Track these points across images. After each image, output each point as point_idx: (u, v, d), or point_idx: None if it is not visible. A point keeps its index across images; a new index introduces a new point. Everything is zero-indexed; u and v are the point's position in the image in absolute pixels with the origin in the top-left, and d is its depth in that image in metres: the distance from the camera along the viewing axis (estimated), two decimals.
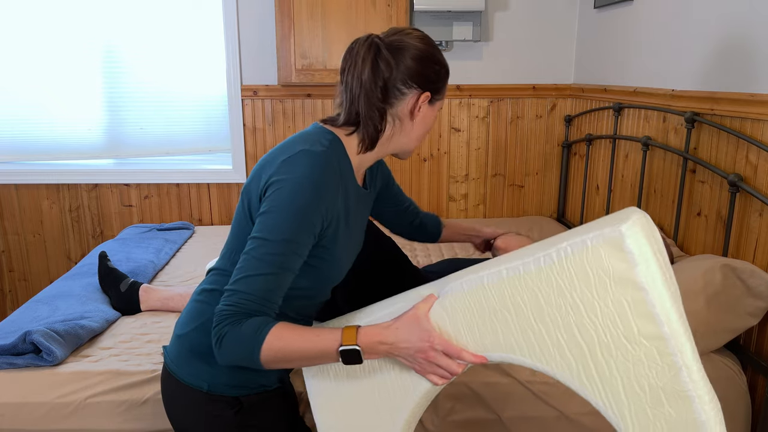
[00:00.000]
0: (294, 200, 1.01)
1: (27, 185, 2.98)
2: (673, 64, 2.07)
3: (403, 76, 1.10)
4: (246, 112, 2.95)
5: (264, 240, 1.00)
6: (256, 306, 0.99)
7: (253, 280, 0.99)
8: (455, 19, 2.77)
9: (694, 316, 1.57)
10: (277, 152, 1.10)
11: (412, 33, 1.13)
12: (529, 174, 3.10)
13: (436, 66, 1.13)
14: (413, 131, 1.16)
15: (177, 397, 1.18)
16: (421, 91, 1.12)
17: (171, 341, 1.22)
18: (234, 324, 0.98)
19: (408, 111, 1.13)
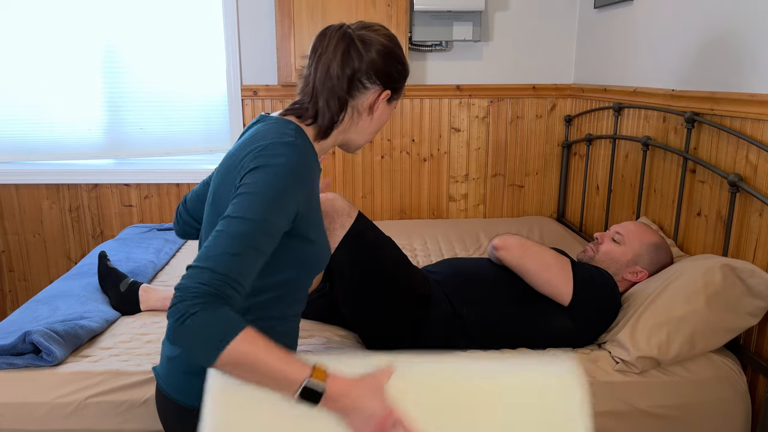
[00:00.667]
0: (272, 184, 0.99)
1: (27, 185, 2.98)
2: (673, 64, 2.07)
3: (368, 70, 1.12)
4: (246, 112, 2.95)
5: (240, 219, 0.96)
6: (229, 289, 0.91)
7: (228, 258, 0.92)
8: (455, 19, 2.77)
9: (694, 316, 1.57)
10: (243, 146, 1.07)
11: (380, 30, 1.15)
12: (529, 174, 3.10)
13: (399, 66, 1.15)
14: (368, 126, 1.19)
15: (175, 418, 1.16)
16: (382, 88, 1.15)
17: (161, 362, 1.19)
18: (207, 306, 0.88)
19: (368, 105, 1.15)
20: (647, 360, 1.56)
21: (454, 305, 1.68)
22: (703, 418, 1.58)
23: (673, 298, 1.61)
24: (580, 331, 1.68)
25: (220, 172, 1.12)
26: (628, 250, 1.82)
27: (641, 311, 1.63)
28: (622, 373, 1.58)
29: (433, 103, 2.99)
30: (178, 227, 1.37)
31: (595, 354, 1.63)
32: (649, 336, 1.57)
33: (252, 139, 1.09)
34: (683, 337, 1.56)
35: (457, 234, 2.74)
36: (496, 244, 1.74)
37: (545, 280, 1.66)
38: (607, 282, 1.72)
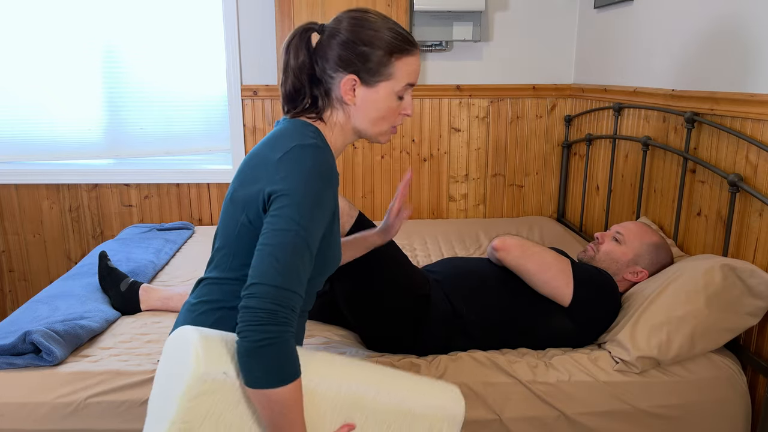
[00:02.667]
0: (307, 190, 1.01)
1: (27, 185, 2.98)
2: (673, 64, 2.07)
3: (329, 61, 1.12)
4: (246, 112, 2.95)
5: (287, 231, 0.98)
6: (295, 301, 0.97)
7: (292, 271, 0.97)
8: (455, 19, 2.77)
9: (694, 316, 1.57)
10: (265, 153, 1.09)
11: (343, 17, 1.13)
12: (529, 174, 3.10)
13: (361, 47, 1.10)
14: (360, 116, 1.15)
15: None
16: (345, 75, 1.12)
17: None
18: (283, 337, 0.94)
19: (341, 95, 1.13)
20: (647, 360, 1.56)
21: (454, 305, 1.68)
22: (703, 418, 1.58)
23: (673, 298, 1.61)
24: (580, 331, 1.68)
25: (243, 170, 1.12)
26: (629, 249, 1.82)
27: (641, 311, 1.63)
28: (622, 373, 1.58)
29: (433, 103, 2.99)
30: None
31: (595, 354, 1.63)
32: (649, 336, 1.57)
33: (274, 138, 1.11)
34: (683, 337, 1.56)
35: (457, 234, 2.74)
36: (496, 245, 1.74)
37: (545, 281, 1.66)
38: (607, 283, 1.72)
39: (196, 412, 0.97)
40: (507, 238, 1.74)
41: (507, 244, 1.72)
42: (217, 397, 0.98)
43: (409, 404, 1.14)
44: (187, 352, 0.97)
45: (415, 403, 1.15)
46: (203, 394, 0.96)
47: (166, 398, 1.00)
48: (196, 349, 0.96)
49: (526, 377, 1.56)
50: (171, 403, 0.97)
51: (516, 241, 1.72)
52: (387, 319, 1.64)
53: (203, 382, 0.96)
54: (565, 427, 1.55)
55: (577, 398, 1.55)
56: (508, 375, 1.57)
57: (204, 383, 0.96)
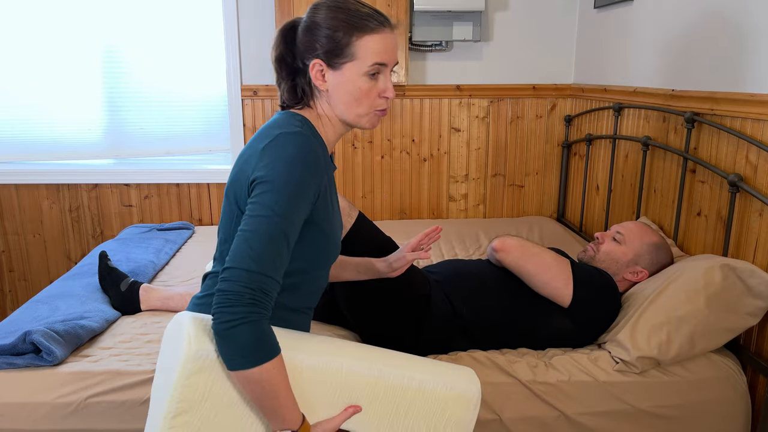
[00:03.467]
0: (289, 177, 1.02)
1: (27, 185, 2.98)
2: (673, 64, 2.07)
3: (300, 49, 1.14)
4: (246, 112, 2.95)
5: (265, 217, 0.99)
6: (268, 286, 0.98)
7: (262, 257, 0.98)
8: (455, 19, 2.77)
9: (694, 316, 1.57)
10: (253, 144, 1.11)
11: (312, 6, 1.15)
12: (529, 174, 3.10)
13: (317, 31, 1.11)
14: (336, 99, 1.15)
15: None
16: (312, 60, 1.13)
17: None
18: (254, 318, 0.95)
19: (314, 80, 1.14)
20: (647, 360, 1.56)
21: (455, 305, 1.68)
22: (703, 418, 1.58)
23: (673, 298, 1.61)
24: (580, 331, 1.68)
25: (238, 165, 1.13)
26: (629, 249, 1.82)
27: (641, 311, 1.63)
28: (622, 373, 1.58)
29: (433, 103, 2.99)
30: None
31: (595, 354, 1.63)
32: (649, 336, 1.57)
33: (262, 130, 1.13)
34: (683, 337, 1.56)
35: (457, 234, 2.74)
36: (495, 246, 1.74)
37: (545, 282, 1.66)
38: (607, 283, 1.72)
39: (194, 391, 0.98)
40: (507, 239, 1.74)
41: (507, 245, 1.72)
42: (213, 375, 0.99)
43: (418, 382, 1.12)
44: (180, 334, 1.00)
45: (426, 381, 1.12)
46: (198, 372, 0.98)
47: (165, 383, 1.01)
48: (188, 331, 0.99)
49: (526, 377, 1.56)
50: (169, 384, 0.99)
51: (516, 242, 1.72)
52: (387, 318, 1.64)
53: (196, 360, 0.97)
54: (565, 427, 1.55)
55: (577, 398, 1.55)
56: (508, 375, 1.57)
57: (197, 361, 0.97)
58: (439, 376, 1.14)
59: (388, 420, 1.12)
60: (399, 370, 1.12)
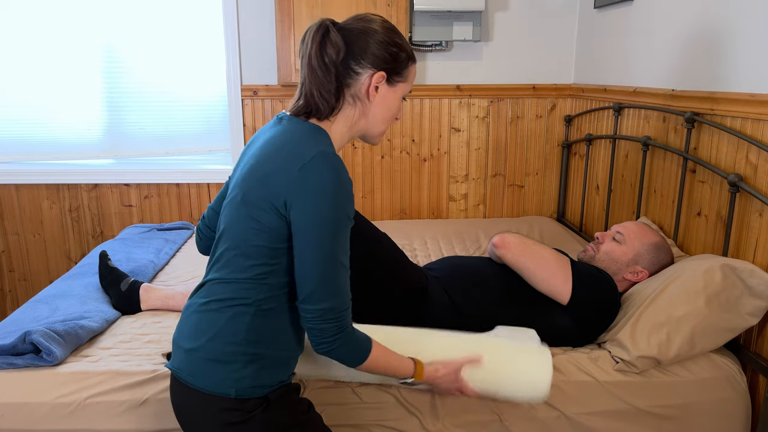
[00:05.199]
0: (338, 212, 1.09)
1: (27, 185, 2.98)
2: (673, 64, 2.07)
3: (355, 56, 1.16)
4: (246, 112, 2.95)
5: (327, 255, 1.09)
6: (347, 312, 1.14)
7: (334, 289, 1.12)
8: (455, 19, 2.77)
9: (694, 316, 1.57)
10: (281, 159, 1.11)
11: (374, 18, 1.20)
12: (529, 174, 3.11)
13: (393, 48, 1.18)
14: (374, 113, 1.22)
15: (202, 408, 1.16)
16: (374, 71, 1.17)
17: (178, 357, 1.20)
18: (342, 339, 1.14)
19: (364, 91, 1.19)
20: (647, 360, 1.56)
21: (454, 300, 1.69)
22: (703, 418, 1.58)
23: (673, 297, 1.61)
24: (579, 329, 1.68)
25: (254, 174, 1.14)
26: (629, 249, 1.82)
27: (641, 311, 1.64)
28: (622, 373, 1.58)
29: (433, 103, 2.99)
30: (201, 245, 1.41)
31: (595, 354, 1.63)
32: (649, 336, 1.57)
33: (289, 144, 1.13)
34: (683, 337, 1.56)
35: (457, 234, 2.74)
36: (496, 242, 1.74)
37: (544, 278, 1.66)
38: (607, 282, 1.72)
39: None
40: (507, 236, 1.74)
41: (507, 241, 1.72)
42: None
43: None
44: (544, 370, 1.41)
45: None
46: None
47: None
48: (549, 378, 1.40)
49: None
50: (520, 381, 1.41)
51: (516, 238, 1.73)
52: (385, 314, 1.64)
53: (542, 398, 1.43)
54: (565, 427, 1.55)
55: (577, 398, 1.55)
56: None
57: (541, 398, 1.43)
58: None
59: None
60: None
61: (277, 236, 1.13)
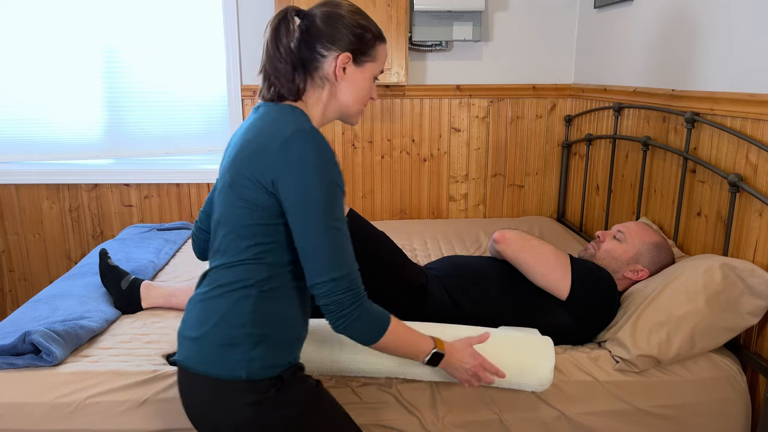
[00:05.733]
0: (322, 182, 1.10)
1: (27, 185, 2.98)
2: (673, 64, 2.07)
3: (320, 40, 1.19)
4: (246, 112, 2.95)
5: (324, 229, 1.10)
6: (358, 279, 1.14)
7: (339, 259, 1.11)
8: (455, 19, 2.77)
9: (694, 315, 1.57)
10: (263, 140, 1.13)
11: (340, 3, 1.23)
12: (529, 174, 3.10)
13: (357, 29, 1.21)
14: (346, 94, 1.24)
15: (214, 394, 1.16)
16: (339, 52, 1.20)
17: (185, 348, 1.20)
18: (360, 309, 1.13)
19: (332, 72, 1.21)
20: (647, 359, 1.56)
21: (453, 298, 1.69)
22: (703, 418, 1.58)
23: (673, 297, 1.61)
24: (579, 326, 1.68)
25: (238, 158, 1.16)
26: (630, 248, 1.83)
27: (641, 310, 1.64)
28: (622, 372, 1.58)
29: (433, 103, 2.99)
30: (197, 249, 1.42)
31: (596, 353, 1.63)
32: (650, 335, 1.57)
33: (267, 125, 1.15)
34: (683, 336, 1.56)
35: (457, 234, 2.74)
36: (496, 237, 1.76)
37: (542, 273, 1.67)
38: (606, 279, 1.72)
39: None
40: (507, 231, 1.76)
41: (507, 237, 1.74)
42: None
43: None
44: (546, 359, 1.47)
45: None
46: None
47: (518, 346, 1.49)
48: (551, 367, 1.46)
49: None
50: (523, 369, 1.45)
51: (516, 234, 1.74)
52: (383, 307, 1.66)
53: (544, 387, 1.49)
54: (565, 427, 1.55)
55: (577, 398, 1.55)
56: None
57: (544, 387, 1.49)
58: None
59: None
60: None
61: (268, 213, 1.14)
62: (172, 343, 1.71)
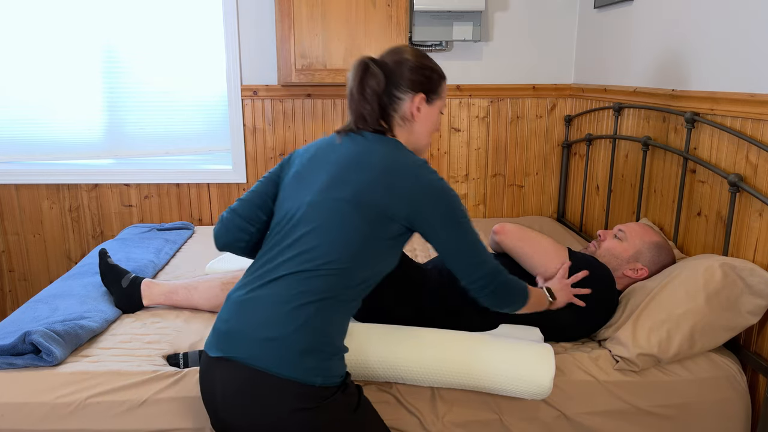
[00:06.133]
0: (457, 201, 1.30)
1: (27, 185, 2.98)
2: (673, 64, 2.07)
3: (396, 84, 1.35)
4: (246, 112, 2.95)
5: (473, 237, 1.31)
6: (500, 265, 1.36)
7: (483, 257, 1.32)
8: (455, 19, 2.77)
9: (694, 314, 1.57)
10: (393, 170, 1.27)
11: (405, 48, 1.38)
12: (529, 174, 3.11)
13: (426, 71, 1.37)
14: (420, 129, 1.40)
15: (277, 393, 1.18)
16: (414, 94, 1.35)
17: (258, 346, 1.21)
18: (502, 280, 1.34)
19: (409, 113, 1.37)
20: (647, 357, 1.56)
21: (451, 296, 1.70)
22: (703, 417, 1.58)
23: (673, 296, 1.62)
24: (577, 320, 1.69)
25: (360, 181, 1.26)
26: (630, 246, 1.83)
27: (641, 309, 1.64)
28: (623, 372, 1.58)
29: None
30: (228, 237, 1.42)
31: (596, 353, 1.63)
32: (649, 333, 1.57)
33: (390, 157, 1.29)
34: (683, 335, 1.56)
35: None
36: (496, 229, 1.80)
37: (541, 264, 1.68)
38: (605, 272, 1.73)
39: None
40: (506, 224, 1.80)
41: (506, 228, 1.77)
42: None
43: None
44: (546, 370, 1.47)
45: None
46: None
47: None
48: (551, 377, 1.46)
49: None
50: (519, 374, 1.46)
51: (515, 226, 1.78)
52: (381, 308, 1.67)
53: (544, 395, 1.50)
54: (565, 427, 1.55)
55: (577, 398, 1.55)
56: None
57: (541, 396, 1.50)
58: None
59: None
60: None
61: (377, 237, 1.25)
62: (172, 343, 1.71)
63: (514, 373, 1.46)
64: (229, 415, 1.23)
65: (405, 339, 1.52)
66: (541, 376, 1.45)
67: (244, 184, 3.02)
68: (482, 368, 1.47)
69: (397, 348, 1.50)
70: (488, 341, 1.51)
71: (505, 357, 1.47)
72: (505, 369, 1.46)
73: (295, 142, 2.99)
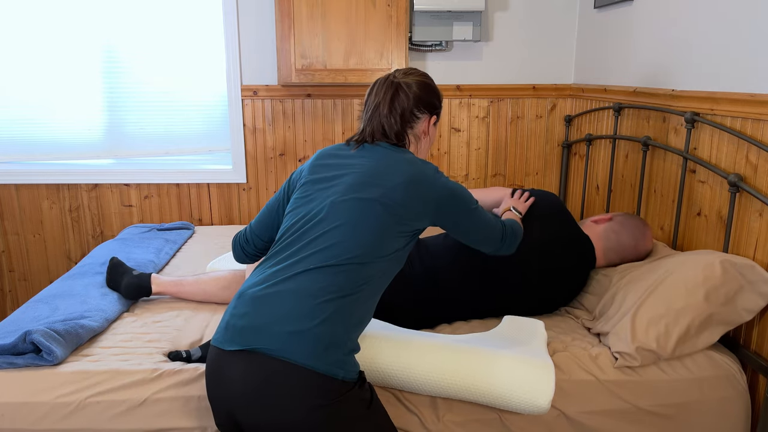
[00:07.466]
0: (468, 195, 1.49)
1: (27, 185, 2.98)
2: (673, 64, 2.07)
3: (417, 105, 1.48)
4: (246, 112, 2.95)
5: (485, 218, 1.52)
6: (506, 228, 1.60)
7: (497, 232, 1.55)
8: (455, 19, 2.77)
9: (693, 309, 1.57)
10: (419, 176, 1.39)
11: (417, 72, 1.52)
12: (529, 174, 3.11)
13: (438, 95, 1.54)
14: (424, 146, 1.56)
15: (298, 384, 1.19)
16: (430, 115, 1.52)
17: (283, 338, 1.22)
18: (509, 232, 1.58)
19: (422, 130, 1.52)
20: (646, 352, 1.56)
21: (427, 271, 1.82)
22: (703, 417, 1.58)
23: (673, 290, 1.62)
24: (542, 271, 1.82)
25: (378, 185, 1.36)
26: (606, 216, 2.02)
27: (640, 303, 1.64)
28: (623, 372, 1.58)
29: None
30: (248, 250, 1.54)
31: (596, 351, 1.63)
32: (648, 326, 1.58)
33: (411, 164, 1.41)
34: (681, 330, 1.57)
35: None
36: None
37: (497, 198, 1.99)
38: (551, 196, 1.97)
39: None
40: None
41: None
42: None
43: None
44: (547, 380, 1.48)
45: None
46: None
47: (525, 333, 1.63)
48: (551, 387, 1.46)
49: None
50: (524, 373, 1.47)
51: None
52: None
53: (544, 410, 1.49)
54: (565, 426, 1.55)
55: (577, 397, 1.55)
56: None
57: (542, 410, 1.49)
58: None
59: None
60: None
61: (400, 233, 1.35)
62: (172, 341, 1.72)
63: (513, 395, 1.46)
64: (245, 411, 1.21)
65: (405, 351, 1.52)
66: (539, 398, 1.45)
67: (244, 184, 3.02)
68: (481, 388, 1.47)
69: (395, 361, 1.51)
70: (490, 357, 1.50)
71: (505, 380, 1.46)
72: (505, 392, 1.46)
73: (295, 142, 2.99)
